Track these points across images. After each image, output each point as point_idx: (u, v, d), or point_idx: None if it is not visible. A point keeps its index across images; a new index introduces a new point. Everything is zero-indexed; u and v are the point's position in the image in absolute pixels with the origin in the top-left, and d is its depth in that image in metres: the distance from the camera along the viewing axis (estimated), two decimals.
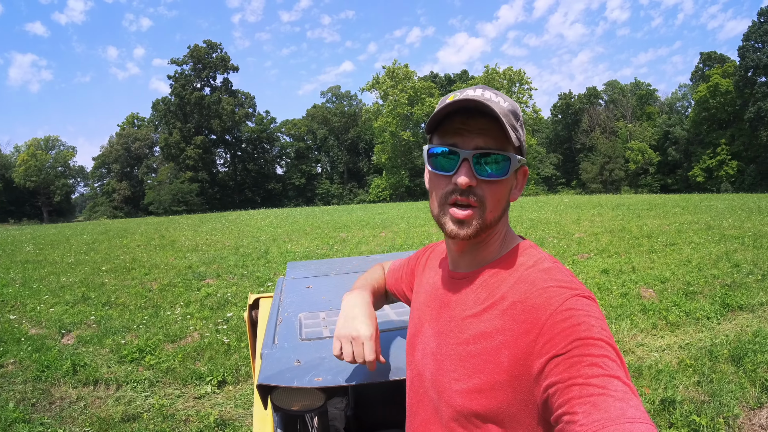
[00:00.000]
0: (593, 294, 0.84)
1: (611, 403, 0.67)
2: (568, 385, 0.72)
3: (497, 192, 0.91)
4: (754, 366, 4.23)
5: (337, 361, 1.44)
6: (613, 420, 0.66)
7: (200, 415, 3.96)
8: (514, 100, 0.95)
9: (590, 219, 18.02)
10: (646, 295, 6.78)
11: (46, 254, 14.51)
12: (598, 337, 0.75)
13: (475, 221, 0.90)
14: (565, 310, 0.79)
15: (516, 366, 0.82)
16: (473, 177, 0.88)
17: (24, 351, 5.35)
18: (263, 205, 59.58)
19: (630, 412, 0.66)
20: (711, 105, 51.96)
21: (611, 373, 0.71)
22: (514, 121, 0.90)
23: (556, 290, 0.83)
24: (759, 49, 48.20)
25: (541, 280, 0.86)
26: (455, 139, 0.90)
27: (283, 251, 12.72)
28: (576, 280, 0.87)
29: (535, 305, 0.82)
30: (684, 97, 64.66)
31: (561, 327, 0.77)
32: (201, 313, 6.73)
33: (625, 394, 0.69)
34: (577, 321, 0.77)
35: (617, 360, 0.74)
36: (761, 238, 11.03)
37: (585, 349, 0.74)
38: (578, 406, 0.69)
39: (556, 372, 0.75)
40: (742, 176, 49.55)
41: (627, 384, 0.71)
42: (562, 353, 0.75)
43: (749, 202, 23.62)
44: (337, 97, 73.41)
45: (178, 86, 61.94)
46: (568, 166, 66.42)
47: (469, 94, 0.89)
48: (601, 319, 0.79)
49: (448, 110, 0.89)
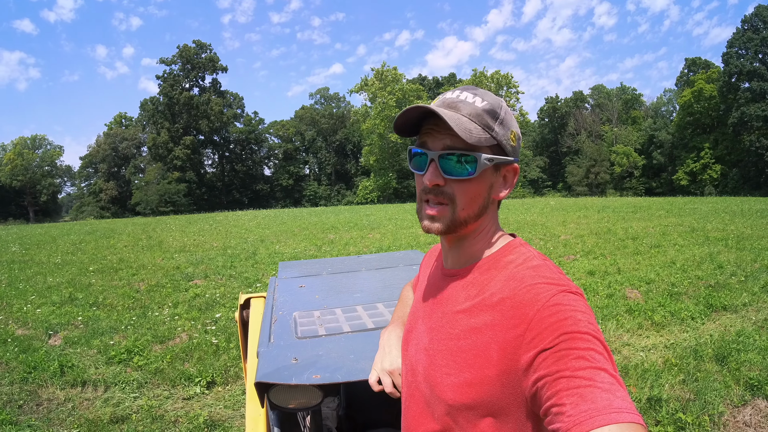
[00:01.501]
0: (581, 290, 0.86)
1: (598, 394, 0.69)
2: (556, 378, 0.73)
3: (468, 190, 0.92)
4: (737, 365, 4.31)
5: (334, 359, 1.46)
6: (600, 410, 0.67)
7: (189, 416, 3.95)
8: (500, 98, 0.96)
9: (576, 221, 18.18)
10: (632, 296, 6.87)
11: (32, 254, 14.34)
12: (584, 330, 0.76)
13: (445, 218, 0.93)
14: (553, 305, 0.80)
15: (505, 360, 0.83)
16: (440, 176, 0.91)
17: (11, 352, 5.29)
18: (251, 206, 59.33)
19: (617, 403, 0.68)
20: (695, 110, 52.62)
21: (598, 365, 0.72)
22: (490, 119, 0.91)
23: (543, 287, 0.84)
24: (743, 56, 48.91)
25: (530, 277, 0.87)
26: (425, 138, 0.94)
27: (271, 252, 12.68)
28: (564, 276, 0.89)
29: (523, 301, 0.84)
30: (669, 101, 65.37)
31: (548, 322, 0.78)
32: (189, 314, 6.70)
33: (612, 386, 0.70)
34: (564, 316, 0.78)
35: (604, 353, 0.75)
36: (744, 241, 11.21)
37: (572, 343, 0.75)
38: (566, 397, 0.71)
39: (544, 366, 0.76)
40: (725, 180, 50.20)
41: (613, 376, 0.72)
42: (549, 347, 0.76)
43: (732, 205, 23.98)
44: (326, 98, 73.34)
45: (166, 86, 61.47)
46: (554, 169, 66.82)
47: (447, 95, 0.95)
48: (588, 313, 0.80)
49: (409, 115, 0.93)
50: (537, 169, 65.43)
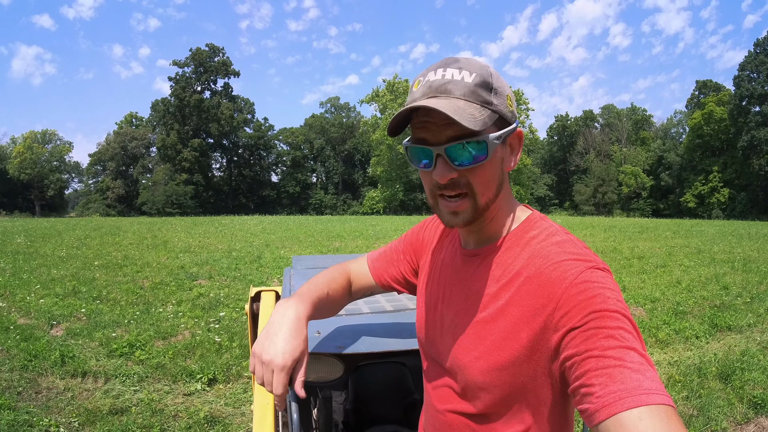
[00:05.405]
0: (608, 265, 0.83)
1: (628, 375, 0.67)
2: (585, 357, 0.72)
3: (483, 175, 0.86)
4: (741, 383, 4.27)
5: (356, 333, 1.46)
6: (630, 391, 0.65)
7: (190, 412, 3.93)
8: (485, 63, 0.87)
9: (582, 239, 18.05)
10: (636, 313, 6.83)
11: (37, 247, 14.41)
12: (614, 309, 0.74)
13: (467, 210, 0.88)
14: (581, 282, 0.78)
15: (534, 341, 0.82)
16: (452, 170, 0.85)
17: (12, 340, 5.30)
18: (257, 212, 59.56)
19: (646, 384, 0.66)
20: (705, 132, 52.62)
21: (627, 344, 0.70)
22: (485, 93, 0.83)
23: (570, 263, 0.81)
24: (754, 79, 48.98)
25: (555, 253, 0.85)
26: (423, 133, 0.85)
27: (276, 257, 12.69)
28: (590, 251, 0.87)
29: (550, 279, 0.81)
30: (679, 123, 65.48)
31: (577, 300, 0.76)
32: (193, 312, 6.70)
33: (642, 365, 0.68)
34: (593, 293, 0.76)
35: (633, 332, 0.73)
36: (751, 263, 11.15)
37: (601, 321, 0.73)
38: (595, 378, 0.69)
39: (573, 345, 0.74)
40: (733, 203, 50.05)
41: (643, 355, 0.70)
42: (578, 326, 0.74)
43: (740, 228, 23.86)
44: (336, 108, 73.75)
45: (178, 88, 62.06)
46: (561, 187, 66.87)
47: (430, 79, 0.85)
48: (616, 290, 0.78)
49: (403, 115, 0.84)
50: (544, 186, 65.48)
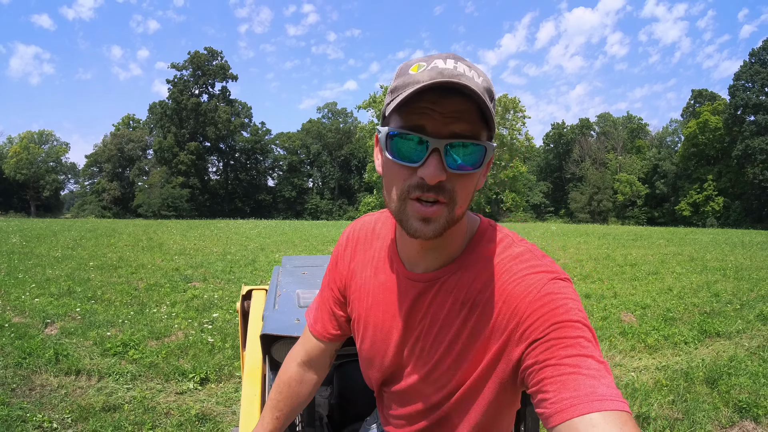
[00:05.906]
0: (568, 274, 0.84)
1: (582, 381, 0.67)
2: (543, 366, 0.72)
3: (468, 185, 0.79)
4: (728, 388, 4.32)
5: None
6: (582, 398, 0.66)
7: (181, 409, 3.96)
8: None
9: (576, 246, 18.21)
10: (627, 319, 6.88)
11: (32, 247, 14.40)
12: (575, 319, 0.75)
13: (442, 218, 0.77)
14: (545, 295, 0.78)
15: (500, 358, 0.83)
16: (443, 170, 0.74)
17: (6, 337, 5.32)
18: (252, 216, 59.57)
19: (601, 390, 0.66)
20: (700, 141, 52.97)
21: (585, 352, 0.71)
22: (489, 101, 0.73)
23: (533, 277, 0.81)
24: (749, 89, 49.37)
25: (517, 269, 0.83)
26: (423, 121, 0.74)
27: (270, 260, 12.71)
28: (548, 259, 0.86)
29: (513, 294, 0.81)
30: (674, 132, 65.85)
31: (540, 312, 0.76)
32: (186, 314, 6.72)
33: (598, 372, 0.69)
34: (556, 305, 0.76)
35: (592, 340, 0.74)
36: (743, 271, 11.24)
37: (562, 332, 0.73)
38: (549, 385, 0.70)
39: (533, 355, 0.75)
40: (727, 212, 50.32)
41: (601, 362, 0.71)
42: (540, 338, 0.75)
43: (733, 237, 24.01)
44: (333, 113, 73.86)
45: (176, 91, 62.10)
46: (557, 194, 67.08)
47: (440, 66, 0.74)
48: (577, 300, 0.79)
49: (421, 89, 0.72)
50: (540, 194, 65.66)
